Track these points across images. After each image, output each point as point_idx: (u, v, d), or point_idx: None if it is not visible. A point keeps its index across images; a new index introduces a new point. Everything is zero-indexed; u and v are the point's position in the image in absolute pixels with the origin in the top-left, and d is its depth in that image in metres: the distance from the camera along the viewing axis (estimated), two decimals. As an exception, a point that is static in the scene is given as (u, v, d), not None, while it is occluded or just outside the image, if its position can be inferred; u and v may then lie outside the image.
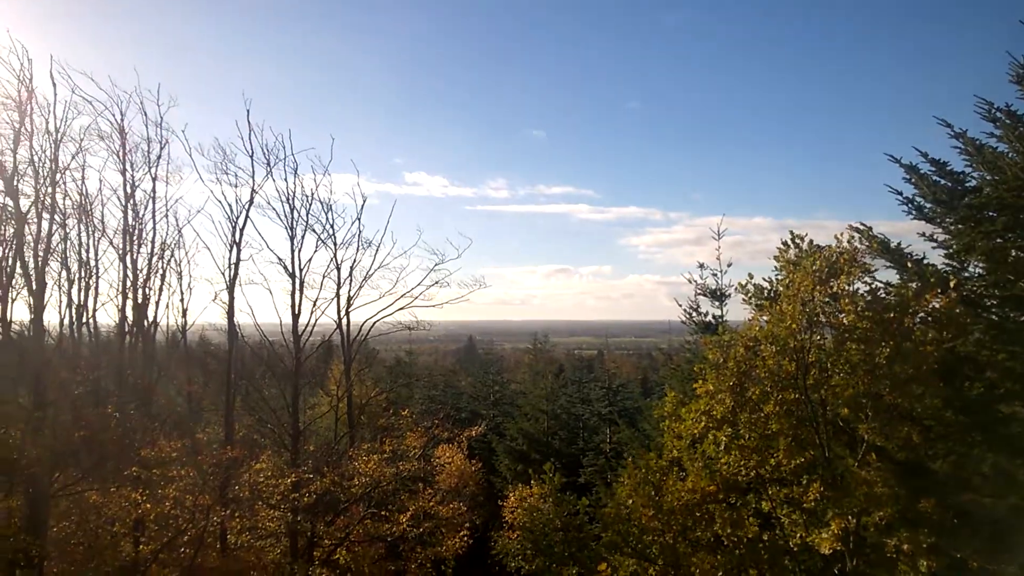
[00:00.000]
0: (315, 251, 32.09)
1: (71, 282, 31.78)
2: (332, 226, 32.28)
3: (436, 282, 33.10)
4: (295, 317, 31.22)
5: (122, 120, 30.84)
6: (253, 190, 31.16)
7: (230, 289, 31.13)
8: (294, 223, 31.42)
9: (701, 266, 29.05)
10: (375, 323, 33.44)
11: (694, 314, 29.29)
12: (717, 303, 29.01)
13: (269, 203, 31.66)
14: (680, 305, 29.65)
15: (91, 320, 32.77)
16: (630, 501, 18.71)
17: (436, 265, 32.91)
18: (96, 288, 32.44)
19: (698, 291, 29.17)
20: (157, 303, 32.09)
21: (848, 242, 18.29)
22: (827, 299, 17.85)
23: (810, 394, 17.40)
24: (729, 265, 29.01)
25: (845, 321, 17.46)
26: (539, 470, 24.42)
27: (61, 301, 31.34)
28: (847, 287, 17.67)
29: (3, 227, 30.82)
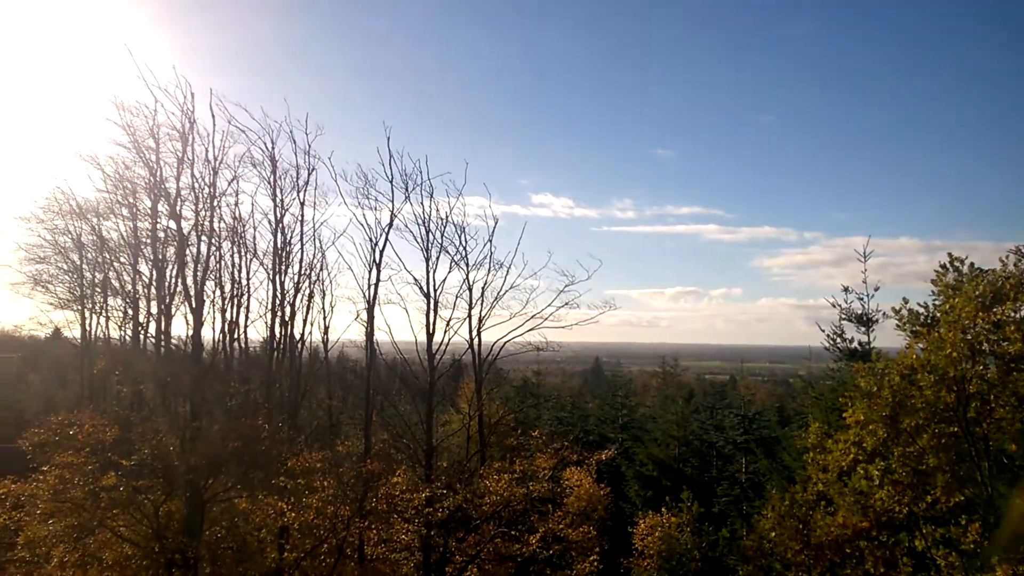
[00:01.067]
0: (449, 272, 32.95)
1: (224, 300, 33.92)
2: (465, 248, 33.02)
3: (566, 303, 33.19)
4: (429, 336, 32.03)
5: (273, 148, 32.79)
6: (392, 213, 32.38)
7: (369, 308, 32.33)
8: (429, 245, 32.39)
9: (846, 290, 27.73)
10: (505, 343, 33.78)
11: (838, 340, 27.95)
12: (863, 329, 27.57)
13: (406, 226, 32.78)
14: (822, 330, 28.39)
15: (242, 336, 34.84)
16: (773, 534, 17.93)
17: (566, 287, 33.01)
18: (247, 306, 34.51)
19: (842, 316, 27.83)
20: (304, 320, 33.71)
21: (1015, 265, 16.99)
22: (990, 326, 16.60)
23: (971, 427, 16.18)
24: (876, 289, 27.59)
25: (1011, 350, 16.18)
26: (674, 497, 23.85)
27: (215, 318, 33.52)
28: (1013, 314, 16.39)
29: (167, 248, 33.32)
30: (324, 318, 34.72)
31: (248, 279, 34.21)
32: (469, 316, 33.00)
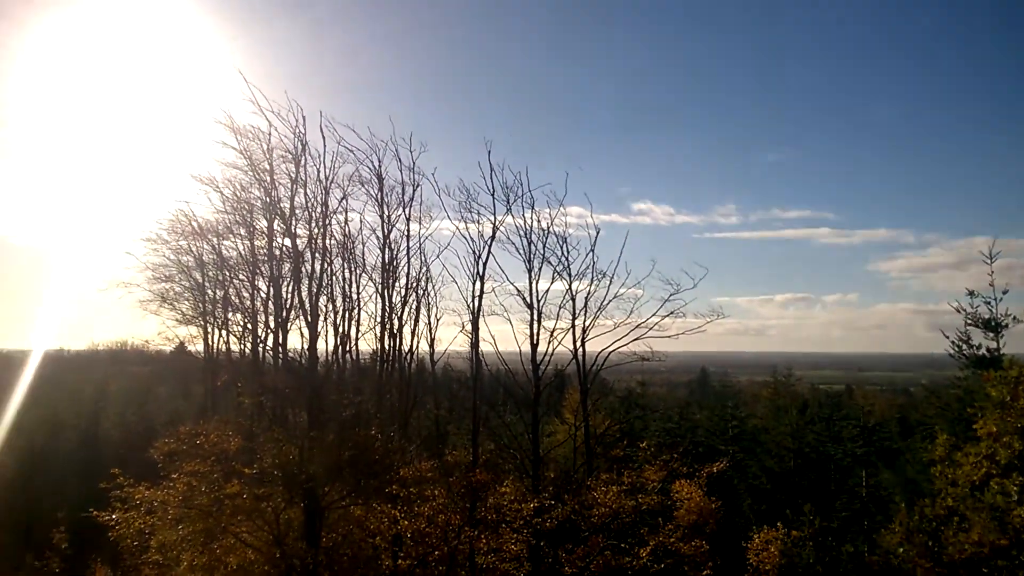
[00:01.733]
0: (551, 283, 33.05)
1: (336, 314, 35.13)
2: (567, 258, 33.03)
3: (671, 312, 32.70)
4: (533, 347, 32.19)
5: (379, 166, 33.84)
6: (494, 226, 32.77)
7: (474, 320, 32.77)
8: (532, 256, 32.60)
9: (971, 293, 26.19)
10: (609, 354, 33.55)
11: (964, 347, 26.43)
12: (992, 334, 25.95)
13: (508, 238, 33.10)
14: (947, 336, 26.89)
15: (354, 349, 35.97)
16: (900, 550, 17.05)
17: (671, 296, 32.52)
18: (358, 320, 35.65)
19: (968, 321, 26.30)
20: (412, 333, 34.53)
21: None
22: None
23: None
24: (1004, 292, 25.93)
25: None
26: (790, 511, 23.02)
27: (328, 331, 34.74)
28: None
29: (282, 265, 34.75)
30: (430, 330, 35.47)
31: (358, 293, 35.39)
32: (573, 326, 32.95)
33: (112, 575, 30.41)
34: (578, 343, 33.11)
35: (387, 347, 34.30)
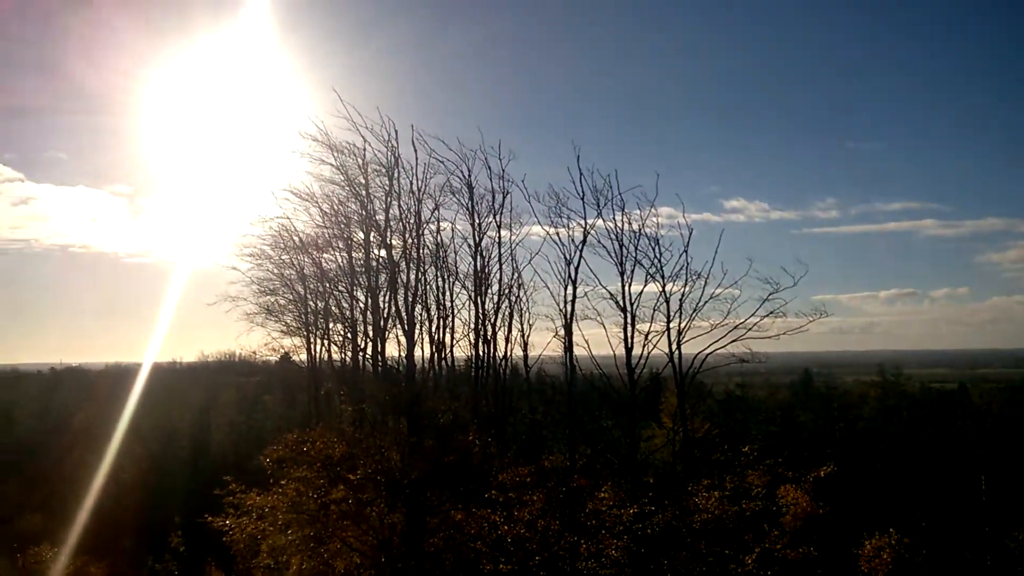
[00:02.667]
0: (644, 285, 32.64)
1: (431, 322, 35.77)
2: (660, 260, 32.58)
3: (770, 312, 31.82)
4: (628, 350, 31.88)
5: (469, 176, 34.35)
6: (585, 230, 32.70)
7: (567, 325, 32.75)
8: (623, 259, 32.33)
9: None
10: (707, 356, 32.87)
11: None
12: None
13: (599, 241, 32.95)
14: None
15: (449, 355, 36.51)
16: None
17: (770, 295, 31.63)
18: (452, 327, 36.19)
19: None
20: (506, 339, 34.79)
21: None
22: None
23: None
24: None
25: None
26: (906, 516, 22.02)
27: (423, 339, 35.39)
28: None
29: (379, 276, 35.63)
30: (523, 336, 35.65)
31: (452, 301, 35.97)
32: (668, 329, 32.45)
33: (226, 577, 31.75)
34: (674, 346, 32.58)
35: (481, 353, 34.69)
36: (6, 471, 55.41)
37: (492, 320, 34.88)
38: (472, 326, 35.07)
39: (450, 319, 36.04)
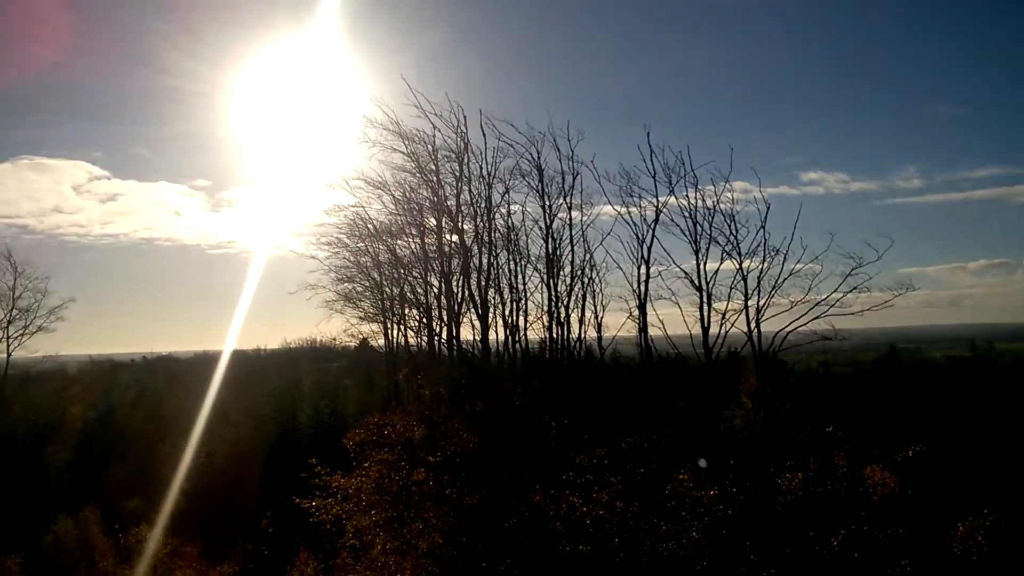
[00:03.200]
0: (720, 263, 32.09)
1: (504, 305, 35.93)
2: (736, 237, 31.94)
3: (853, 288, 30.89)
4: (704, 330, 31.42)
5: (539, 158, 34.32)
6: (657, 209, 32.30)
7: (641, 305, 32.47)
8: (698, 237, 31.84)
9: None
10: (788, 334, 32.13)
11: None
12: None
13: (673, 219, 32.53)
14: None
15: (522, 338, 36.63)
16: None
17: (852, 270, 30.72)
18: (525, 310, 36.27)
19: None
20: (580, 321, 34.71)
21: None
22: None
23: None
24: None
25: None
26: (1003, 497, 21.11)
27: (497, 322, 35.60)
28: None
29: (451, 260, 35.96)
30: (597, 317, 35.50)
31: (524, 284, 36.02)
32: (746, 307, 31.84)
33: (314, 558, 32.70)
34: (752, 324, 31.94)
35: (555, 336, 34.73)
36: (106, 456, 58.35)
37: (565, 302, 34.89)
38: (545, 308, 35.16)
39: (523, 302, 36.18)
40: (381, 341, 49.86)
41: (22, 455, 55.27)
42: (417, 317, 44.17)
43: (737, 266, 31.63)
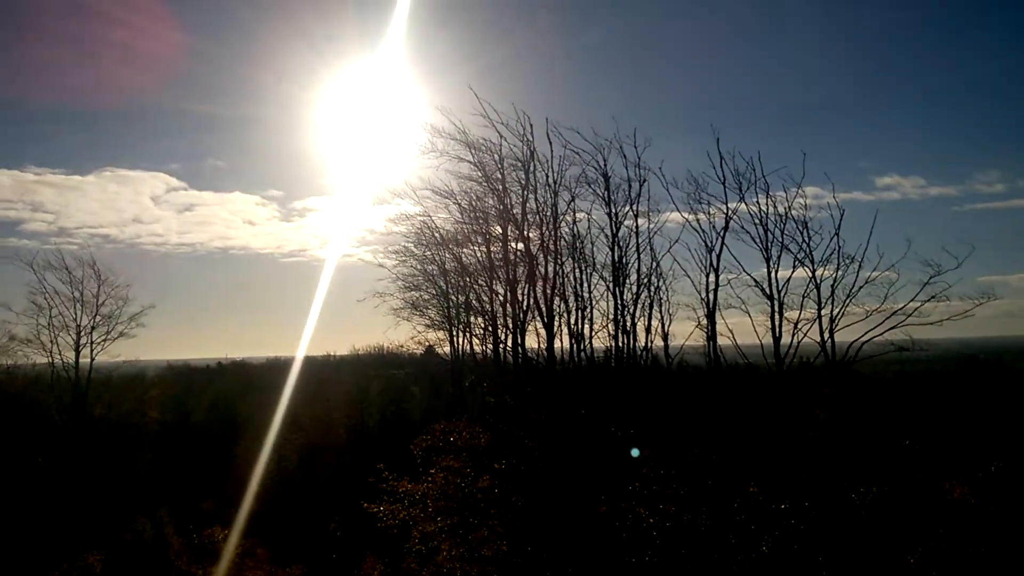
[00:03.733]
0: (792, 271, 31.39)
1: (569, 313, 35.79)
2: (808, 244, 31.21)
3: (932, 297, 29.84)
4: (776, 340, 30.77)
5: (605, 165, 34.14)
6: (727, 215, 31.76)
7: (709, 314, 31.96)
8: (769, 244, 31.21)
9: None
10: (862, 344, 31.22)
11: None
12: None
13: (743, 226, 31.95)
14: None
15: (587, 346, 36.42)
16: None
17: (931, 278, 29.64)
18: (590, 318, 36.05)
19: None
20: (647, 329, 34.35)
21: None
22: None
23: None
24: None
25: None
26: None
27: (562, 330, 35.48)
28: None
29: (517, 268, 36.07)
30: (663, 326, 35.06)
31: (590, 292, 35.80)
32: (819, 316, 31.05)
33: (380, 563, 33.11)
34: (826, 334, 31.14)
35: (621, 344, 34.42)
36: (183, 458, 60.29)
37: (631, 310, 34.55)
38: (611, 317, 34.88)
39: (588, 310, 35.94)
40: (447, 348, 50.26)
41: (104, 456, 57.50)
42: (482, 325, 44.39)
43: (810, 274, 30.91)
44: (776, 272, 30.61)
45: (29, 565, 37.26)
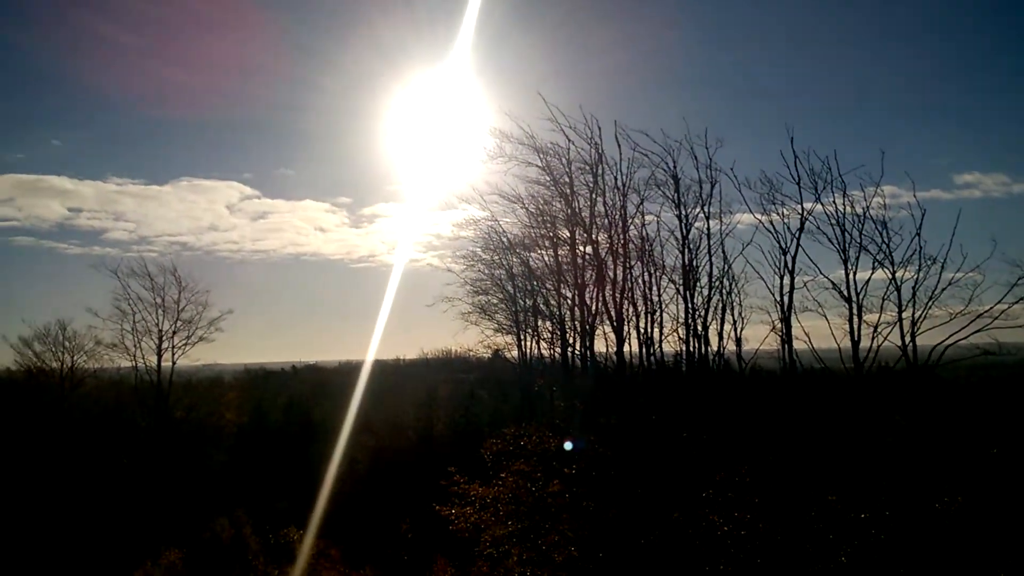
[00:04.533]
0: (871, 273, 30.50)
1: (638, 317, 35.42)
2: (888, 245, 30.27)
3: (1020, 298, 28.62)
4: (854, 344, 29.91)
5: (675, 167, 33.69)
6: (802, 216, 31.01)
7: (784, 317, 31.24)
8: (846, 245, 30.38)
9: None
10: (945, 348, 30.11)
11: None
12: None
13: (819, 227, 31.16)
14: None
15: (657, 350, 35.98)
16: None
17: (1020, 279, 28.43)
18: (660, 322, 35.61)
19: None
20: (719, 333, 33.76)
21: None
22: None
23: None
24: None
25: None
26: None
27: (631, 334, 35.13)
28: None
29: (585, 272, 35.89)
30: (735, 329, 34.39)
31: (659, 296, 35.37)
32: (899, 319, 30.07)
33: (451, 565, 33.28)
34: (907, 338, 30.14)
35: (691, 348, 33.91)
36: (258, 459, 61.83)
37: (702, 314, 34.00)
38: (681, 320, 34.39)
39: (658, 314, 35.52)
40: (514, 352, 50.41)
41: (184, 457, 59.42)
42: (550, 329, 44.39)
43: (890, 276, 29.93)
44: (854, 274, 29.79)
45: (114, 561, 38.72)
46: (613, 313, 33.47)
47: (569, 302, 39.94)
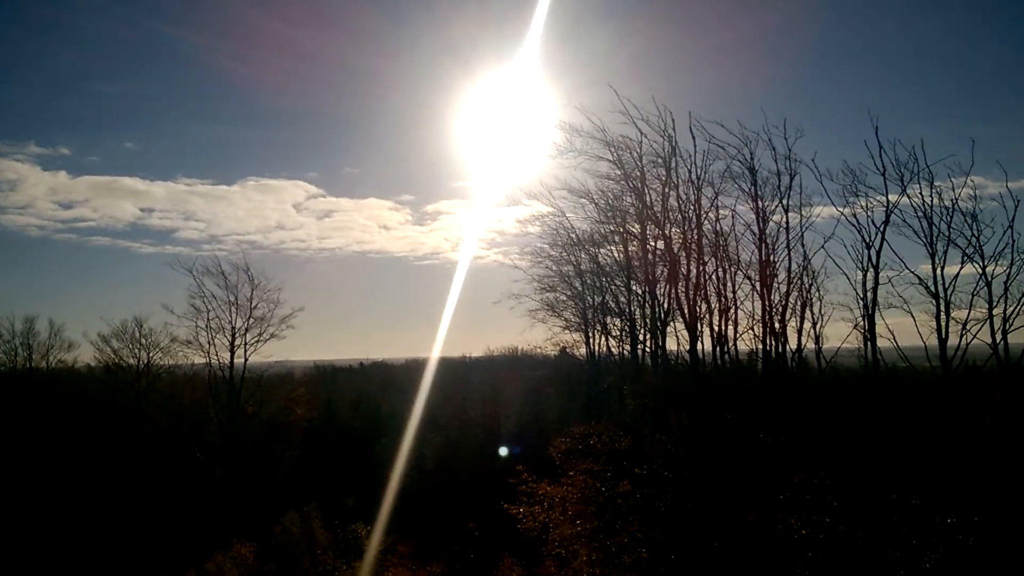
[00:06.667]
0: (960, 267, 28.91)
1: (712, 314, 34.40)
2: (978, 238, 28.68)
3: (1124, 294, 26.75)
4: (942, 341, 28.49)
5: (752, 159, 32.56)
6: (887, 209, 29.63)
7: (867, 314, 29.92)
8: (934, 239, 28.90)
9: None
10: (1045, 346, 28.38)
11: None
12: None
13: (905, 220, 29.74)
14: None
15: (732, 348, 34.88)
16: None
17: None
18: (735, 319, 34.49)
19: None
20: (798, 331, 32.48)
21: None
22: None
23: None
24: None
25: None
26: None
27: (703, 331, 34.10)
28: None
29: (656, 268, 35.07)
30: (815, 327, 33.06)
31: (735, 292, 34.27)
32: (990, 316, 28.49)
33: (518, 564, 32.90)
34: (997, 335, 28.55)
35: (768, 346, 32.73)
36: (327, 455, 62.60)
37: (779, 311, 32.77)
38: (757, 318, 33.25)
39: (732, 311, 34.40)
40: (582, 350, 49.74)
41: (256, 452, 60.52)
42: (619, 326, 43.61)
43: (980, 270, 28.36)
44: (942, 268, 28.31)
45: (187, 553, 39.54)
46: (686, 310, 32.56)
47: (639, 299, 39.14)
